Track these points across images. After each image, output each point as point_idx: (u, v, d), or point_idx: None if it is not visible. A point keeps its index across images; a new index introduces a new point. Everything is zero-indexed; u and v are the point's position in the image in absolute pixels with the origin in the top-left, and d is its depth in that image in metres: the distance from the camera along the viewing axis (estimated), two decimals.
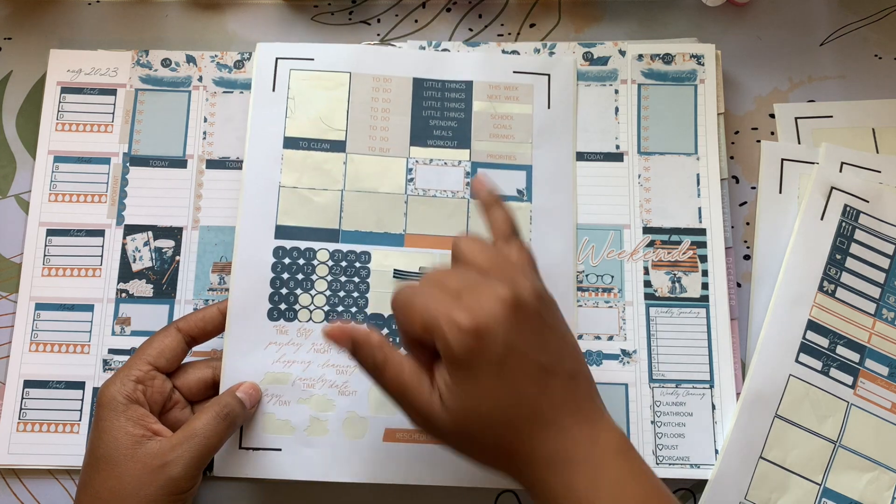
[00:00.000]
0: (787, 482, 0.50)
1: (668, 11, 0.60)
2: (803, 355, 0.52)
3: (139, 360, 0.47)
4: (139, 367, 0.47)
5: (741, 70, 0.59)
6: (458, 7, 0.60)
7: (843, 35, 0.59)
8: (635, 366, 0.52)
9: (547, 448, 0.38)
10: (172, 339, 0.48)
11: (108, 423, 0.45)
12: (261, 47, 0.55)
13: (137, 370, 0.47)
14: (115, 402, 0.45)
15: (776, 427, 0.50)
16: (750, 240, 0.56)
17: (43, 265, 0.54)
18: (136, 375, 0.46)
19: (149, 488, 0.43)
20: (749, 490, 0.50)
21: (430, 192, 0.54)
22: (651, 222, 0.55)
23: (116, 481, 0.44)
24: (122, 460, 0.44)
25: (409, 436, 0.51)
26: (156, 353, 0.48)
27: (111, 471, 0.44)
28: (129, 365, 0.47)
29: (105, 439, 0.44)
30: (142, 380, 0.46)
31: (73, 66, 0.57)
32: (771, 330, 0.52)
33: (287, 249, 0.53)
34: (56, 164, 0.56)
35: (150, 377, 0.47)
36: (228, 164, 0.56)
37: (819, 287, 0.53)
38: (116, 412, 0.45)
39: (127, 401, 0.45)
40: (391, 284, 0.53)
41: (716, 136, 0.56)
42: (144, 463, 0.44)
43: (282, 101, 0.55)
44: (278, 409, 0.51)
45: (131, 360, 0.47)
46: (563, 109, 0.56)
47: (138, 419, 0.45)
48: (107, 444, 0.44)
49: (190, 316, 0.50)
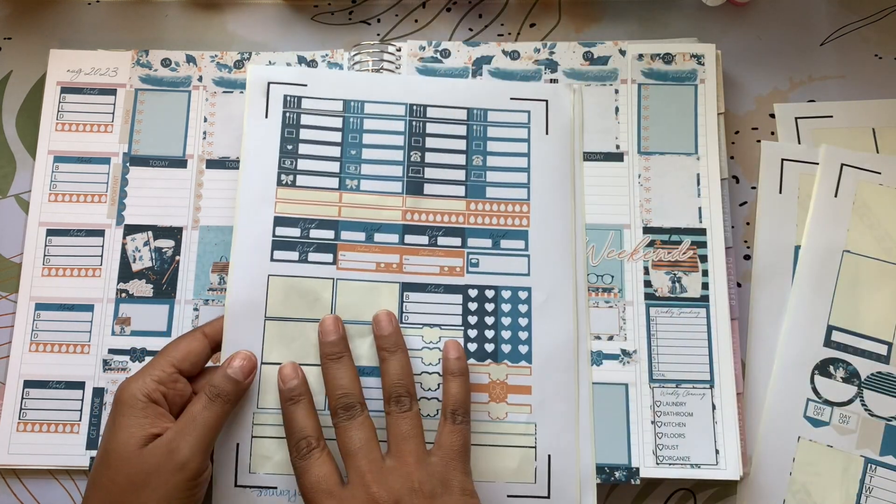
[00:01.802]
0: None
1: (668, 11, 0.60)
2: (277, 252, 0.51)
3: (163, 361, 0.47)
4: (163, 367, 0.47)
5: (741, 70, 0.59)
6: (458, 7, 0.60)
7: (843, 35, 0.59)
8: (635, 366, 0.52)
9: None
10: (199, 344, 0.48)
11: (124, 420, 0.45)
12: (252, 69, 0.54)
13: (161, 370, 0.47)
14: (134, 400, 0.45)
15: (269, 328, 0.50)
16: (750, 240, 0.56)
17: (43, 265, 0.54)
18: (158, 376, 0.46)
19: (161, 476, 0.44)
20: None
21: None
22: (651, 222, 0.55)
23: (125, 476, 0.44)
24: (133, 456, 0.44)
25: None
26: (181, 355, 0.48)
27: (121, 466, 0.44)
28: (152, 364, 0.47)
29: (120, 436, 0.45)
30: (163, 381, 0.46)
31: (73, 66, 0.57)
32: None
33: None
34: (56, 164, 0.56)
35: (172, 379, 0.47)
36: (228, 163, 0.56)
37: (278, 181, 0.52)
38: (134, 409, 0.45)
39: (147, 400, 0.45)
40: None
41: (716, 135, 0.56)
42: (153, 455, 0.44)
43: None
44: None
45: (155, 360, 0.47)
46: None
47: (156, 419, 0.45)
48: (120, 442, 0.44)
49: (216, 321, 0.50)
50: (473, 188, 0.54)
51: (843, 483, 0.51)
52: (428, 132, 0.54)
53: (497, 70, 0.57)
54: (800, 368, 0.53)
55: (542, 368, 0.51)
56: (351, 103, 0.54)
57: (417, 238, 0.53)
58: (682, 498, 0.52)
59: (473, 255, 0.53)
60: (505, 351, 0.52)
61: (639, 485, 0.51)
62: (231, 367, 0.48)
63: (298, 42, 0.59)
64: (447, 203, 0.53)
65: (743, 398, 0.53)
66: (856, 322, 0.53)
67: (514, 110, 0.55)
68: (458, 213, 0.53)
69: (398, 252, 0.52)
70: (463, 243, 0.53)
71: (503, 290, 0.52)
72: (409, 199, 0.53)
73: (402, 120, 0.54)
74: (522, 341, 0.52)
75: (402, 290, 0.52)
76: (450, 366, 0.49)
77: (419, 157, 0.54)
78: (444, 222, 0.53)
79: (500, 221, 0.54)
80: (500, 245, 0.53)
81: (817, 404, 0.53)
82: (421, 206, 0.53)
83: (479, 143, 0.55)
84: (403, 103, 0.55)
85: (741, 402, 0.52)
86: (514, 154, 0.55)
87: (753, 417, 0.53)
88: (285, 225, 0.52)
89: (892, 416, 0.52)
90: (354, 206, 0.53)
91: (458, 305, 0.52)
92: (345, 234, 0.52)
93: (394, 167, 0.54)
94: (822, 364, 0.53)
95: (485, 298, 0.52)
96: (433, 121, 0.55)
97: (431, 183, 0.54)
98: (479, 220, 0.53)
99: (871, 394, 0.53)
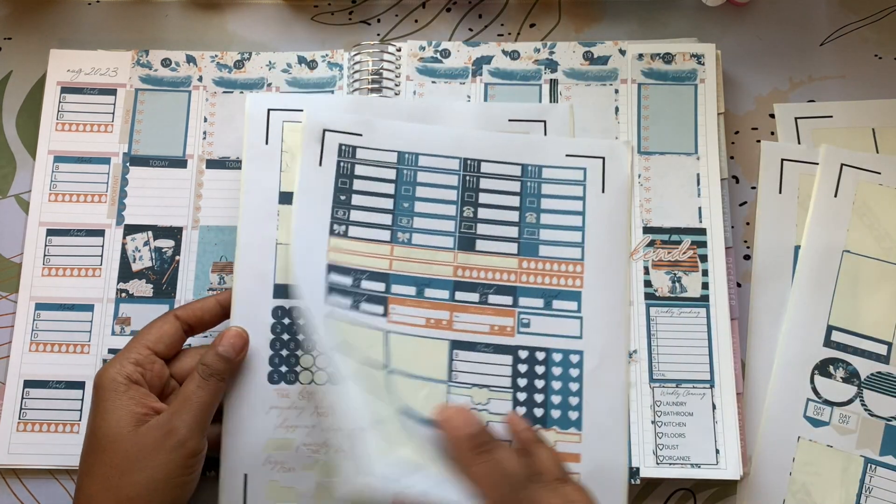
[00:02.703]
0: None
1: (668, 11, 0.60)
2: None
3: (138, 345, 0.47)
4: (138, 350, 0.47)
5: (741, 70, 0.59)
6: (458, 7, 0.60)
7: (843, 35, 0.59)
8: (636, 366, 0.52)
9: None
10: (171, 326, 0.48)
11: (110, 404, 0.45)
12: (251, 98, 0.54)
13: (137, 353, 0.47)
14: (115, 384, 0.45)
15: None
16: (750, 240, 0.56)
17: (43, 265, 0.54)
18: (135, 358, 0.46)
19: (159, 455, 0.44)
20: None
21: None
22: (651, 222, 0.55)
23: (122, 457, 0.44)
24: (127, 437, 0.44)
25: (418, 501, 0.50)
26: (154, 338, 0.47)
27: (116, 449, 0.44)
28: (127, 349, 0.47)
29: (109, 420, 0.44)
30: (141, 363, 0.46)
31: (73, 66, 0.57)
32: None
33: (286, 309, 0.51)
34: (56, 163, 0.56)
35: (149, 361, 0.47)
36: (228, 164, 0.56)
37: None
38: (118, 393, 0.45)
39: (127, 381, 0.45)
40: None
41: (716, 135, 0.56)
42: (149, 435, 0.44)
43: (276, 155, 0.53)
44: (282, 476, 0.49)
45: (130, 345, 0.47)
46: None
47: (140, 398, 0.45)
48: (109, 425, 0.44)
49: (189, 305, 0.50)
50: (526, 246, 0.53)
51: (843, 483, 0.51)
52: (481, 187, 0.53)
53: (497, 70, 0.57)
54: (800, 368, 0.53)
55: (591, 436, 0.50)
56: (405, 155, 0.53)
57: (468, 295, 0.51)
58: (682, 498, 0.52)
59: (525, 315, 0.51)
60: (554, 416, 0.50)
61: (639, 484, 0.51)
62: (222, 346, 0.48)
63: (298, 42, 0.59)
64: (499, 260, 0.52)
65: (743, 398, 0.53)
66: (856, 322, 0.53)
67: (570, 167, 0.54)
68: (509, 272, 0.52)
69: (448, 308, 0.51)
70: (514, 302, 0.52)
71: (554, 353, 0.51)
72: (460, 255, 0.52)
73: (455, 174, 0.53)
74: (573, 407, 0.50)
75: (452, 348, 0.51)
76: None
77: (472, 213, 0.53)
78: (495, 280, 0.52)
79: (552, 281, 0.52)
80: (553, 305, 0.52)
81: (817, 404, 0.53)
82: (472, 263, 0.52)
83: (533, 201, 0.53)
84: (458, 157, 0.54)
85: (741, 402, 0.52)
86: (568, 212, 0.53)
87: (753, 417, 0.52)
88: (338, 273, 0.51)
89: (892, 416, 0.52)
90: (406, 260, 0.52)
91: (508, 367, 0.51)
92: (395, 287, 0.51)
93: (446, 221, 0.53)
94: (822, 364, 0.53)
95: (535, 360, 0.51)
96: (487, 176, 0.53)
97: (484, 239, 0.52)
98: (532, 279, 0.52)
99: (871, 394, 0.53)
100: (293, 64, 0.57)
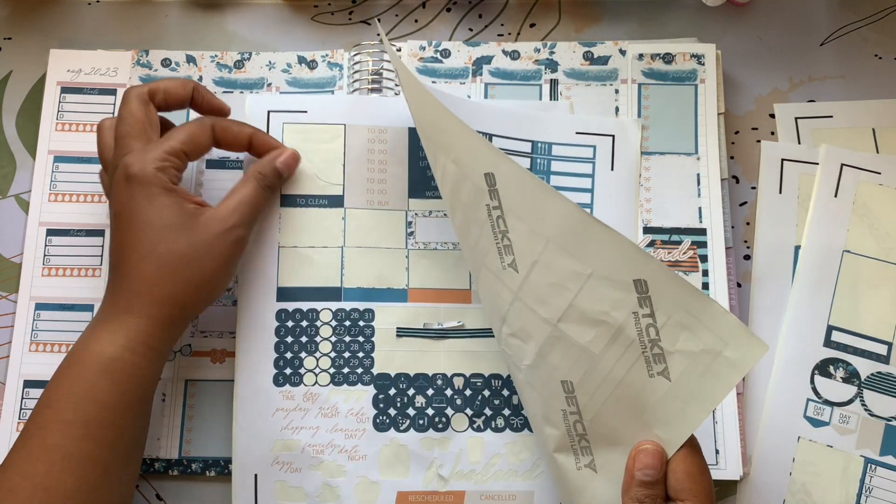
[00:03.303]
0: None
1: (668, 11, 0.60)
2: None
3: (173, 141, 0.47)
4: (173, 145, 0.47)
5: (741, 70, 0.59)
6: (458, 7, 0.60)
7: (843, 35, 0.59)
8: None
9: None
10: (206, 136, 0.49)
11: (163, 197, 0.46)
12: (250, 99, 0.54)
13: (171, 147, 0.47)
14: (160, 179, 0.46)
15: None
16: (750, 240, 0.56)
17: (43, 265, 0.54)
18: (172, 148, 0.47)
19: (220, 245, 0.46)
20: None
21: (430, 244, 0.53)
22: (651, 222, 0.55)
23: (187, 244, 0.46)
24: (192, 225, 0.46)
25: (422, 499, 0.50)
26: (187, 138, 0.48)
27: (179, 236, 0.46)
28: (161, 142, 0.47)
29: (170, 208, 0.46)
30: (175, 154, 0.47)
31: (72, 66, 0.57)
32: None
33: (290, 312, 0.51)
34: (56, 164, 0.56)
35: (179, 157, 0.48)
36: (228, 164, 0.56)
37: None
38: (161, 183, 0.46)
39: (173, 177, 0.47)
40: (396, 343, 0.52)
41: (716, 135, 0.56)
42: (211, 227, 0.46)
43: None
44: (289, 477, 0.50)
45: (163, 140, 0.47)
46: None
47: (184, 194, 0.47)
48: (172, 211, 0.46)
49: (228, 128, 0.50)
50: None
51: (843, 483, 0.51)
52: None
53: (497, 70, 0.57)
54: (800, 368, 0.53)
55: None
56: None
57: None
58: None
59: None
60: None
61: None
62: (281, 161, 0.51)
63: (298, 42, 0.59)
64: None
65: (743, 398, 0.53)
66: (856, 322, 0.53)
67: (580, 144, 0.54)
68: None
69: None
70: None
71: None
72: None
73: None
74: None
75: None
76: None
77: None
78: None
79: None
80: None
81: (817, 404, 0.53)
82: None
83: (543, 177, 0.54)
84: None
85: (741, 402, 0.52)
86: (577, 189, 0.54)
87: (753, 417, 0.52)
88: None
89: (892, 416, 0.52)
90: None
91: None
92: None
93: None
94: (822, 364, 0.53)
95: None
96: None
97: None
98: None
99: (871, 394, 0.53)
100: (293, 64, 0.57)
